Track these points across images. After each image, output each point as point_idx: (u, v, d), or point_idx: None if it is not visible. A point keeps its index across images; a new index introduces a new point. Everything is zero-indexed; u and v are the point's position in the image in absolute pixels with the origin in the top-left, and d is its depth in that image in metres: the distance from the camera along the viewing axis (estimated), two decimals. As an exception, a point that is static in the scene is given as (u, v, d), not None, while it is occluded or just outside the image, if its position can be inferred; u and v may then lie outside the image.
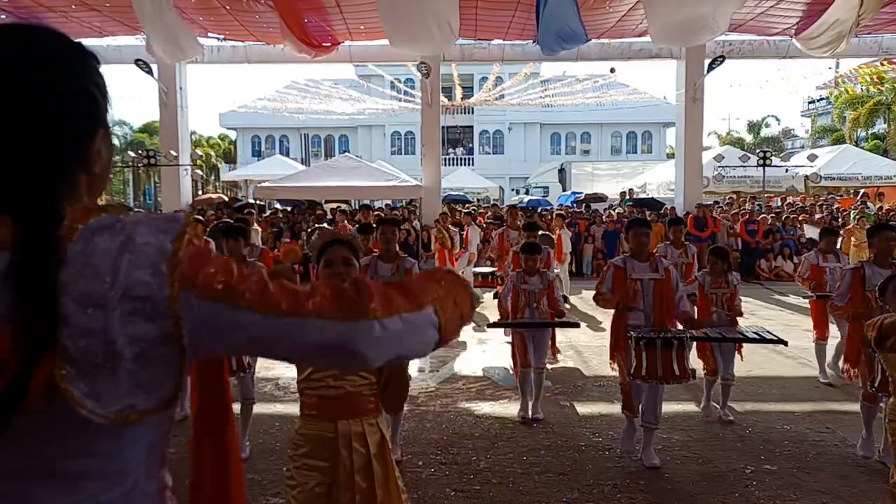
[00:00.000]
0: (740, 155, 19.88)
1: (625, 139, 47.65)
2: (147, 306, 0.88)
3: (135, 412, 0.89)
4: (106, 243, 0.89)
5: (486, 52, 17.40)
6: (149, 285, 0.89)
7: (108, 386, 0.87)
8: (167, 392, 0.92)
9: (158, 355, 0.90)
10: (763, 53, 17.09)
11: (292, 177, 18.59)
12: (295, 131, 44.96)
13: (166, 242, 0.91)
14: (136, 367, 0.88)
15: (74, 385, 0.86)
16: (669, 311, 4.94)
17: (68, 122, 0.94)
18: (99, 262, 0.87)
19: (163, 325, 0.90)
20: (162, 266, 0.90)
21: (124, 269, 0.88)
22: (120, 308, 0.87)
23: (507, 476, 4.73)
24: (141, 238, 0.90)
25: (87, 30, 14.73)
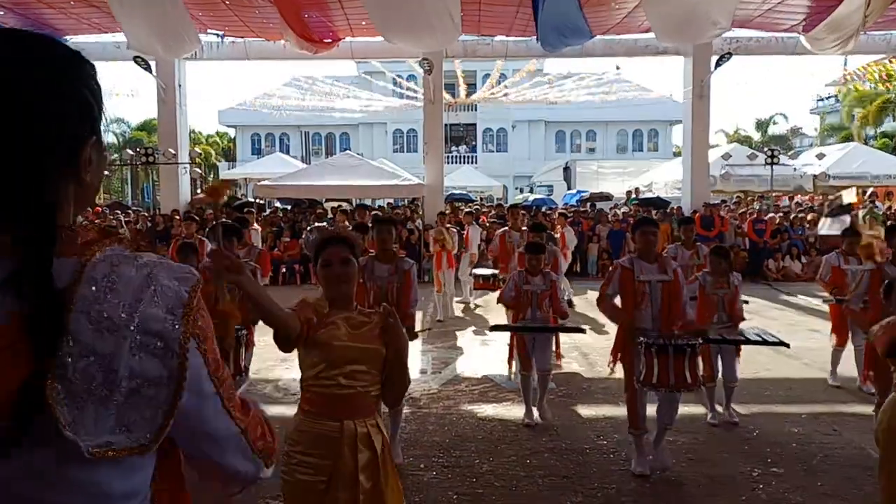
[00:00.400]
0: (748, 153, 19.75)
1: (630, 137, 47.46)
2: (157, 342, 0.91)
3: (112, 450, 0.88)
4: (130, 273, 0.92)
5: (490, 49, 17.32)
6: (165, 322, 0.91)
7: (92, 418, 0.86)
8: (150, 435, 0.92)
9: (152, 395, 0.91)
10: (771, 50, 16.97)
11: (292, 175, 18.51)
12: (295, 129, 44.88)
13: (183, 290, 0.95)
14: (125, 404, 0.88)
15: (59, 408, 0.84)
16: (677, 315, 4.74)
17: (60, 127, 0.93)
18: (123, 289, 0.90)
19: (167, 365, 0.92)
20: (178, 310, 0.93)
21: (145, 301, 0.90)
22: (132, 338, 0.88)
23: (510, 479, 4.64)
24: (163, 279, 0.94)
25: (85, 26, 14.71)
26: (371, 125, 44.52)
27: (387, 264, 5.07)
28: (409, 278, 5.05)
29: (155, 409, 0.91)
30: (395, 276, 5.04)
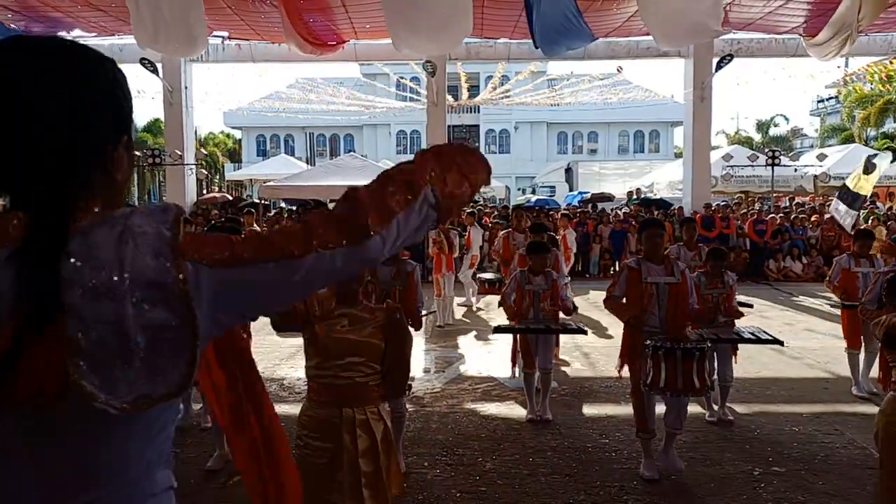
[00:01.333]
0: (749, 154, 19.76)
1: (632, 138, 47.50)
2: (156, 291, 0.91)
3: (149, 400, 0.90)
4: (104, 236, 0.91)
5: (493, 51, 17.37)
6: (155, 270, 0.91)
7: (123, 376, 0.88)
8: (181, 376, 0.93)
9: (171, 340, 0.92)
10: (772, 52, 17.01)
11: (297, 176, 18.59)
12: (300, 130, 44.96)
13: (163, 229, 0.94)
14: (150, 355, 0.90)
15: (87, 379, 0.87)
16: (684, 317, 4.74)
17: (90, 127, 0.98)
18: (102, 255, 0.90)
19: (174, 308, 0.91)
20: (165, 250, 0.92)
21: (129, 258, 0.90)
22: (130, 296, 0.89)
23: (513, 477, 4.69)
24: (139, 228, 0.93)
25: (92, 29, 14.76)
26: (375, 127, 44.63)
27: (389, 266, 5.10)
28: (412, 280, 5.14)
29: (179, 352, 0.93)
30: (397, 278, 5.11)
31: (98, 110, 0.99)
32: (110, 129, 1.02)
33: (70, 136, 0.96)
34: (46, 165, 0.94)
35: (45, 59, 0.96)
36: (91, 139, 0.99)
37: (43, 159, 0.94)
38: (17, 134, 0.93)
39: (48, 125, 0.94)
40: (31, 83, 0.94)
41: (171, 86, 16.72)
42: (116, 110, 1.03)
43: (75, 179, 0.97)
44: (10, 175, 0.95)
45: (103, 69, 1.03)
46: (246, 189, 33.54)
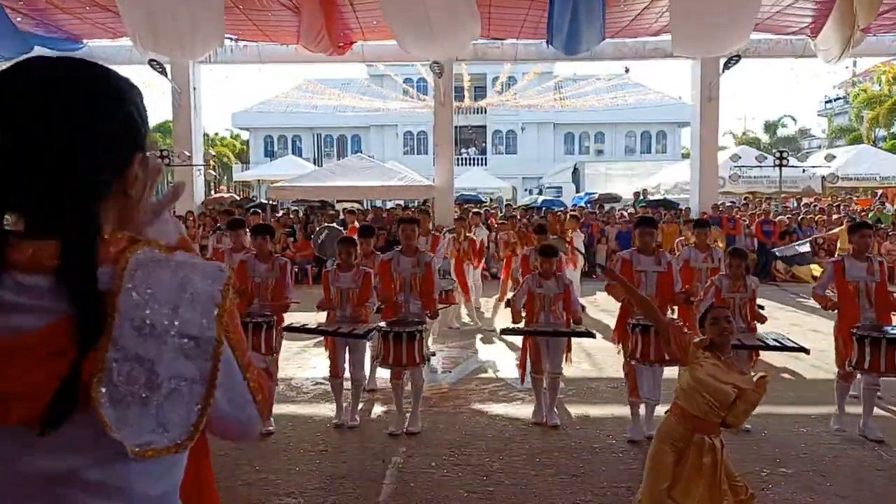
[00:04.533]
0: (756, 155, 19.74)
1: (639, 139, 47.38)
2: (194, 345, 0.96)
3: (152, 449, 0.93)
4: (167, 279, 0.96)
5: (500, 52, 17.36)
6: (201, 326, 0.96)
7: (135, 419, 0.92)
8: (185, 432, 0.97)
9: (188, 395, 0.96)
10: (779, 52, 16.96)
11: (305, 177, 18.66)
12: (307, 131, 45.12)
13: (216, 290, 1.00)
14: (164, 405, 0.93)
15: (104, 409, 0.90)
16: (669, 300, 5.56)
17: (110, 147, 1.00)
18: (162, 296, 0.94)
19: (202, 366, 0.97)
20: (212, 311, 0.98)
21: (184, 307, 0.95)
22: (171, 343, 0.93)
23: (520, 477, 4.71)
24: (197, 282, 0.98)
25: (100, 31, 14.85)
26: (382, 127, 44.70)
27: (410, 257, 5.87)
28: (429, 269, 5.89)
29: (190, 408, 0.96)
30: (417, 267, 5.83)
31: (115, 130, 1.01)
32: (126, 148, 1.04)
33: (90, 157, 0.98)
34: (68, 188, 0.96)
35: (62, 81, 0.98)
36: (109, 160, 1.01)
37: (64, 182, 0.96)
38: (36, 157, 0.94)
39: (67, 147, 0.96)
40: (50, 105, 0.95)
41: (180, 87, 16.80)
42: (132, 129, 1.05)
43: (97, 201, 0.99)
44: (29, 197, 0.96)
45: (119, 89, 1.05)
46: (253, 189, 33.65)
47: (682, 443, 3.27)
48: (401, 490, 4.53)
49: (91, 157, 0.98)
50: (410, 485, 4.61)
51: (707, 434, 3.25)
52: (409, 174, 18.56)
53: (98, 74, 1.03)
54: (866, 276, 5.57)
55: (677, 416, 3.34)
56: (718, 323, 3.38)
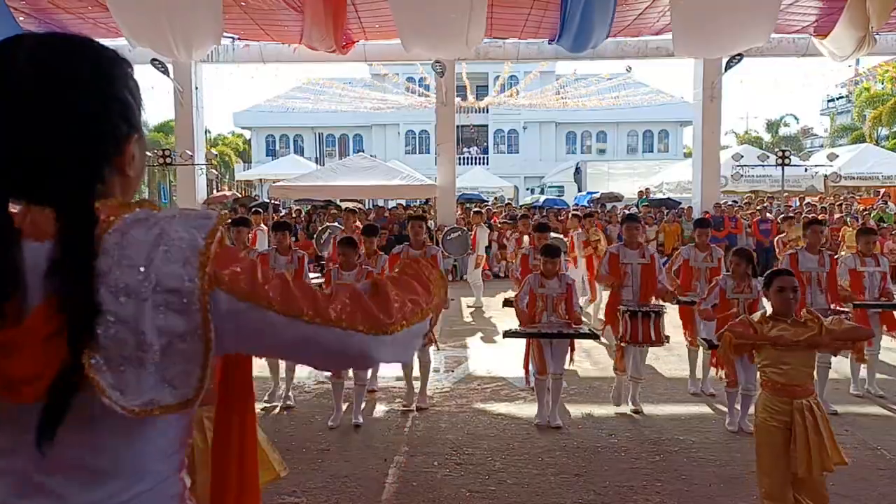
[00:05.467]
0: (758, 154, 19.70)
1: (641, 138, 47.37)
2: (177, 299, 0.92)
3: (158, 407, 0.92)
4: (141, 235, 0.92)
5: (502, 51, 17.34)
6: (180, 278, 0.92)
7: (134, 378, 0.90)
8: (191, 389, 0.94)
9: (185, 349, 0.93)
10: (782, 51, 16.90)
11: (306, 176, 18.62)
12: (309, 130, 45.11)
13: (199, 238, 0.94)
14: (162, 361, 0.91)
15: (101, 375, 0.88)
16: (652, 289, 6.18)
17: (105, 124, 0.99)
18: (134, 254, 0.91)
19: (191, 319, 0.93)
20: (194, 260, 0.93)
21: (158, 260, 0.91)
22: (152, 299, 0.90)
23: (523, 477, 4.71)
24: (175, 232, 0.94)
25: (102, 30, 14.83)
26: (384, 126, 44.72)
27: (418, 251, 6.44)
28: (435, 261, 6.11)
29: (191, 363, 0.93)
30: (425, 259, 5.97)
31: (111, 108, 1.00)
32: (123, 127, 1.02)
33: (86, 134, 0.97)
34: (66, 165, 0.95)
35: (58, 57, 0.96)
36: (106, 137, 1.00)
37: (62, 159, 0.94)
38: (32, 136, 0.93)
39: (64, 124, 0.94)
40: (46, 81, 0.94)
41: (182, 86, 16.80)
42: (128, 108, 1.04)
43: (94, 178, 0.98)
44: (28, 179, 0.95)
45: (115, 67, 1.03)
46: (255, 189, 33.67)
47: (785, 414, 3.50)
48: (403, 489, 4.54)
49: (86, 140, 0.97)
50: (412, 484, 4.62)
51: (804, 397, 3.51)
52: (411, 173, 18.55)
53: (90, 54, 1.01)
54: (817, 266, 6.28)
55: (770, 389, 3.59)
56: (784, 292, 3.63)
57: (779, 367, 3.55)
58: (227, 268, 0.97)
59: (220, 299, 0.96)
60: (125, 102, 1.03)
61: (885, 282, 6.59)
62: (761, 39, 13.94)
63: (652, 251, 6.49)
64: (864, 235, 6.80)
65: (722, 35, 13.02)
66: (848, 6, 12.96)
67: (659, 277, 6.24)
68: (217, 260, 0.96)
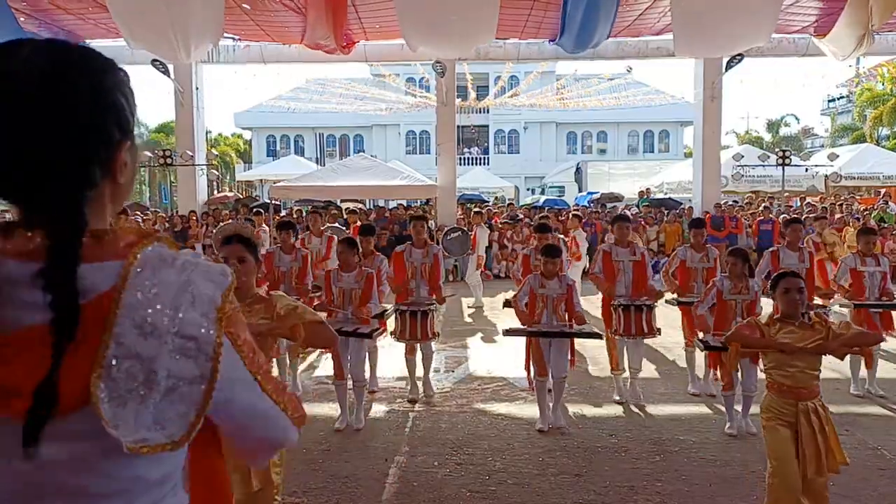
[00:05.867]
0: (759, 154, 19.69)
1: (642, 138, 47.37)
2: (193, 345, 0.97)
3: (148, 446, 0.94)
4: (171, 279, 0.98)
5: (502, 51, 17.35)
6: (200, 327, 0.97)
7: (132, 415, 0.92)
8: (181, 431, 0.97)
9: (187, 393, 0.97)
10: (782, 51, 16.92)
11: (307, 176, 18.63)
12: (310, 131, 45.12)
13: (217, 294, 1.01)
14: (162, 402, 0.94)
15: (102, 405, 0.91)
16: (643, 285, 6.50)
17: (98, 130, 0.99)
18: (164, 295, 0.96)
19: (202, 365, 0.98)
20: (212, 314, 0.99)
21: (183, 307, 0.96)
22: (171, 342, 0.95)
23: (523, 477, 4.72)
24: (199, 283, 1.00)
25: (102, 31, 14.86)
26: (384, 127, 44.70)
27: (420, 249, 6.78)
28: (437, 260, 6.84)
29: (188, 407, 0.96)
30: (426, 258, 6.75)
31: (104, 116, 1.00)
32: (116, 133, 1.02)
33: (79, 139, 0.96)
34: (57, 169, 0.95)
35: (51, 64, 0.96)
36: (98, 146, 0.99)
37: (53, 162, 0.94)
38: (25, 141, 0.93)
39: (57, 128, 0.94)
40: (41, 87, 0.94)
41: (182, 87, 16.81)
42: (121, 116, 1.03)
43: (85, 182, 0.98)
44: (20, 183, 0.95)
45: (108, 74, 1.03)
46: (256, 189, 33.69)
47: (790, 416, 3.54)
48: (403, 490, 4.54)
49: (76, 147, 0.96)
50: (413, 484, 4.62)
51: (809, 399, 3.55)
52: (412, 174, 18.57)
53: (86, 61, 1.00)
54: (797, 263, 6.62)
55: (776, 391, 3.62)
56: (790, 293, 3.64)
57: (785, 369, 3.58)
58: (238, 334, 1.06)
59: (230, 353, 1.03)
60: (119, 109, 1.03)
61: (885, 282, 6.61)
62: (762, 39, 13.96)
63: (642, 249, 6.86)
64: (865, 235, 6.82)
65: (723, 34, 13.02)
66: (849, 4, 12.96)
67: (648, 275, 6.62)
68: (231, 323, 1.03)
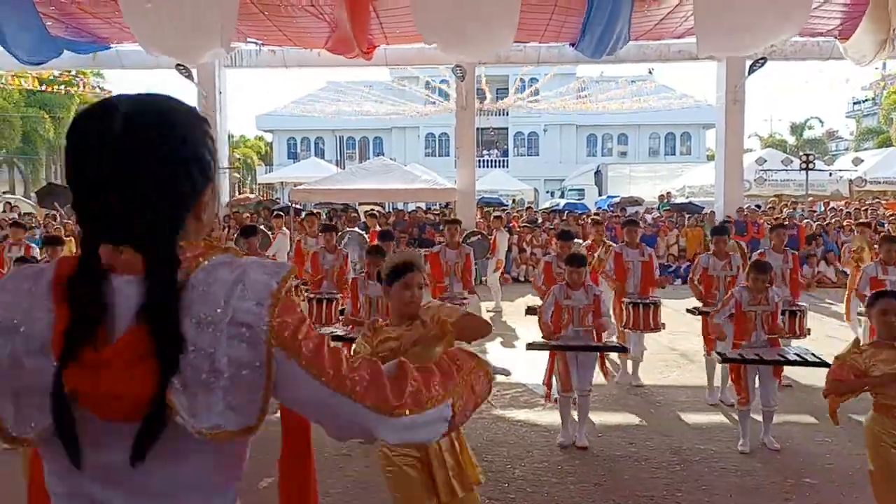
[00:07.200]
0: (782, 158, 19.50)
1: (663, 141, 47.00)
2: (247, 332, 1.03)
3: (224, 432, 1.02)
4: (224, 275, 1.06)
5: (523, 55, 17.31)
6: (252, 314, 1.03)
7: (204, 403, 1.00)
8: (252, 417, 1.05)
9: (249, 379, 1.03)
10: (807, 54, 16.72)
11: (327, 179, 18.75)
12: (330, 133, 45.39)
13: (273, 281, 1.07)
14: (229, 388, 1.02)
15: (177, 397, 0.99)
16: (650, 283, 7.28)
17: (187, 180, 1.10)
18: (217, 290, 1.04)
19: (257, 351, 1.03)
20: (266, 300, 1.05)
21: (235, 297, 1.03)
22: (227, 331, 1.02)
23: (542, 485, 4.72)
24: (253, 274, 1.06)
25: (128, 35, 15.01)
26: (403, 129, 44.79)
27: (454, 250, 7.81)
28: (468, 259, 7.89)
29: (254, 392, 1.03)
30: (459, 258, 7.76)
31: (192, 166, 1.11)
32: (200, 180, 1.13)
33: (171, 190, 1.08)
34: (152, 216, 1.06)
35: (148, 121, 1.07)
36: (187, 191, 1.11)
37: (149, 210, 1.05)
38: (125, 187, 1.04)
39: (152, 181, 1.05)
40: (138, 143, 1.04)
41: (206, 91, 16.99)
42: (205, 164, 1.14)
43: (176, 226, 1.10)
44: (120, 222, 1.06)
45: (196, 127, 1.14)
46: (276, 192, 33.93)
47: None
48: (423, 496, 4.55)
49: (170, 195, 1.08)
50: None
51: None
52: (432, 176, 18.60)
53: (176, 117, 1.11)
54: (782, 264, 7.00)
55: (884, 412, 3.56)
56: (887, 316, 3.55)
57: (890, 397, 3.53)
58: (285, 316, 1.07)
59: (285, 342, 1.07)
60: (203, 160, 1.14)
61: None
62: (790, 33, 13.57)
63: (650, 251, 7.56)
64: (887, 243, 6.79)
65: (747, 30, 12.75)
66: (870, 8, 12.78)
67: (655, 275, 7.37)
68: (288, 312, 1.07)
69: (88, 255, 1.05)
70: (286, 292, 1.07)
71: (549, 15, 14.03)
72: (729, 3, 12.13)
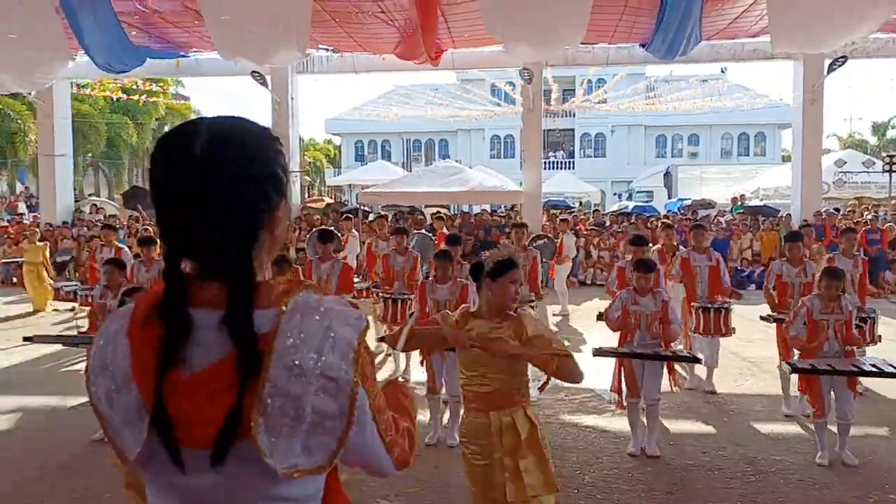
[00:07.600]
0: (864, 159, 18.68)
1: (736, 141, 45.63)
2: (333, 385, 1.10)
3: (297, 471, 1.10)
4: (316, 326, 1.11)
5: (591, 56, 17.17)
6: (340, 369, 1.11)
7: (284, 446, 1.08)
8: (325, 458, 1.13)
9: (328, 427, 1.11)
10: (890, 52, 16.01)
11: (395, 182, 19.01)
12: (396, 136, 45.94)
13: (354, 338, 1.13)
14: (308, 434, 1.09)
15: (259, 437, 1.06)
16: (717, 288, 7.16)
17: (262, 199, 1.17)
18: (311, 341, 1.09)
19: (341, 403, 1.11)
20: (349, 356, 1.12)
21: (326, 351, 1.10)
22: (316, 382, 1.08)
23: (612, 492, 4.70)
24: (338, 328, 1.12)
25: (206, 44, 15.60)
26: (469, 131, 44.92)
27: (523, 253, 7.72)
28: (535, 262, 8.09)
29: (331, 438, 1.12)
30: (526, 261, 7.63)
31: (267, 185, 1.17)
32: (275, 197, 1.19)
33: (247, 208, 1.14)
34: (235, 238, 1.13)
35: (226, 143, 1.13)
36: (262, 209, 1.17)
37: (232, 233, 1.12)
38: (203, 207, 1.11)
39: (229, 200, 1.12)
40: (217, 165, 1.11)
41: (279, 97, 17.48)
42: (278, 181, 1.20)
43: (252, 242, 1.16)
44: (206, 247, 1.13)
45: (271, 147, 1.20)
46: (344, 194, 34.56)
47: None
48: (492, 498, 4.60)
49: (249, 216, 1.15)
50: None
51: None
52: (499, 179, 18.62)
53: (252, 139, 1.18)
54: (852, 269, 6.85)
55: None
56: None
57: None
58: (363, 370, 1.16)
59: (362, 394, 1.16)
60: (276, 177, 1.20)
61: None
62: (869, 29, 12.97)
63: (717, 255, 7.37)
64: None
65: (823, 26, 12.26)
66: None
67: (724, 280, 7.19)
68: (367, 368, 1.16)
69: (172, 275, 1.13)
70: (364, 348, 1.15)
71: (618, 16, 13.87)
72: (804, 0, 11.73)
